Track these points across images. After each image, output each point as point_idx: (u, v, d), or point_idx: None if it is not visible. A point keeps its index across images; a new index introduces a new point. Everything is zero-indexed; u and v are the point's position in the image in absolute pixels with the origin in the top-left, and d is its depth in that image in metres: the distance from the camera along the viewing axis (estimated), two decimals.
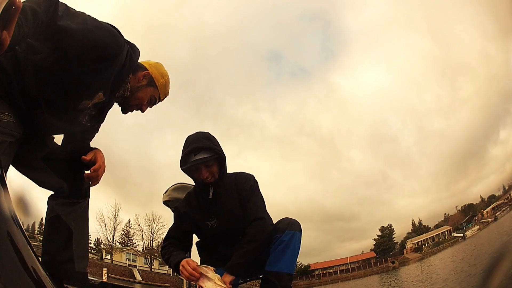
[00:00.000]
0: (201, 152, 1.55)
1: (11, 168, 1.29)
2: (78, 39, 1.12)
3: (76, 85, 1.24)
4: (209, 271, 1.38)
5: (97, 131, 1.56)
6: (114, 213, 24.38)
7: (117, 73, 1.30)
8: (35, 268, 0.58)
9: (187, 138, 1.64)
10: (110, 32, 1.23)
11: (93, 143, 1.58)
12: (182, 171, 1.64)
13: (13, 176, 1.33)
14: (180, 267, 1.47)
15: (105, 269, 19.36)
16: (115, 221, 24.52)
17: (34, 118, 1.24)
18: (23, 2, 0.87)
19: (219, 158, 1.61)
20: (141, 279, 22.70)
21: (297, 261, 1.71)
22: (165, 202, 2.42)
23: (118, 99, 1.41)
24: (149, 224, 25.58)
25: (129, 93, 1.39)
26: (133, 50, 1.35)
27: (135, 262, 24.32)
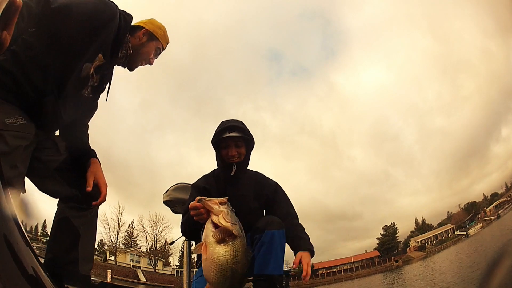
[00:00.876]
0: (236, 131, 1.70)
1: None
2: (73, 14, 1.21)
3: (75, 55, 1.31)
4: (214, 205, 1.17)
5: (96, 109, 1.59)
6: (118, 214, 24.49)
7: (115, 35, 1.40)
8: (35, 269, 0.58)
9: (223, 121, 1.78)
10: (100, 0, 1.34)
11: (94, 145, 1.58)
12: (211, 145, 1.75)
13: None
14: (191, 214, 1.26)
15: (109, 270, 19.45)
16: (118, 222, 24.60)
17: (44, 108, 1.28)
18: None
19: (250, 141, 1.76)
20: (145, 279, 22.79)
21: None
22: (165, 202, 2.42)
23: (122, 59, 1.50)
24: (152, 225, 25.62)
25: (132, 51, 1.49)
26: (126, 13, 1.46)
27: (139, 263, 24.36)
